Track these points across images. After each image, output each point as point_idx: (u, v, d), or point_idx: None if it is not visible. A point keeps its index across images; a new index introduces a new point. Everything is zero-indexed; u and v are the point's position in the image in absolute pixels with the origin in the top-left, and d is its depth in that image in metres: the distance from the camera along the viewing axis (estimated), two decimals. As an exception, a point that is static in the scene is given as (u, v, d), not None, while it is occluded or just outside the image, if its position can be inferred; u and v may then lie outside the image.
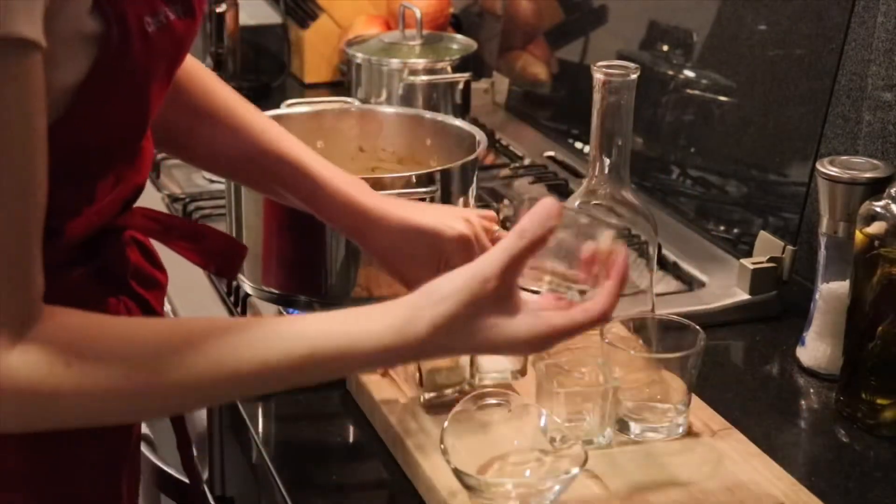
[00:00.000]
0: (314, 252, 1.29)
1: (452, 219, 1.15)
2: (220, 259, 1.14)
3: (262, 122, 1.17)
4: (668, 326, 1.19)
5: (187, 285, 1.47)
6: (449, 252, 1.12)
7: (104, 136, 0.93)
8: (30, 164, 0.82)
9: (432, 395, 1.17)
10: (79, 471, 1.04)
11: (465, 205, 1.35)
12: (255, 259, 1.35)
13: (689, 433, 1.16)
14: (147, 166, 1.05)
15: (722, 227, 1.61)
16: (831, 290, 1.31)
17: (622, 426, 1.15)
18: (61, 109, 0.88)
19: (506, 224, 1.66)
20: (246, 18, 2.30)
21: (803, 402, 1.30)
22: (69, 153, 0.88)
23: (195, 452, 1.39)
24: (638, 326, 1.20)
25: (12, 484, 1.00)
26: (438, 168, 1.32)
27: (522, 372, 1.21)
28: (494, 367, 1.21)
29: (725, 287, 1.48)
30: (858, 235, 1.21)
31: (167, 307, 1.45)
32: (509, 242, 0.91)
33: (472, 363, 1.19)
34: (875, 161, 1.29)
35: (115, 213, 1.02)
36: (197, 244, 1.11)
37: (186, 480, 1.40)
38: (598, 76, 1.21)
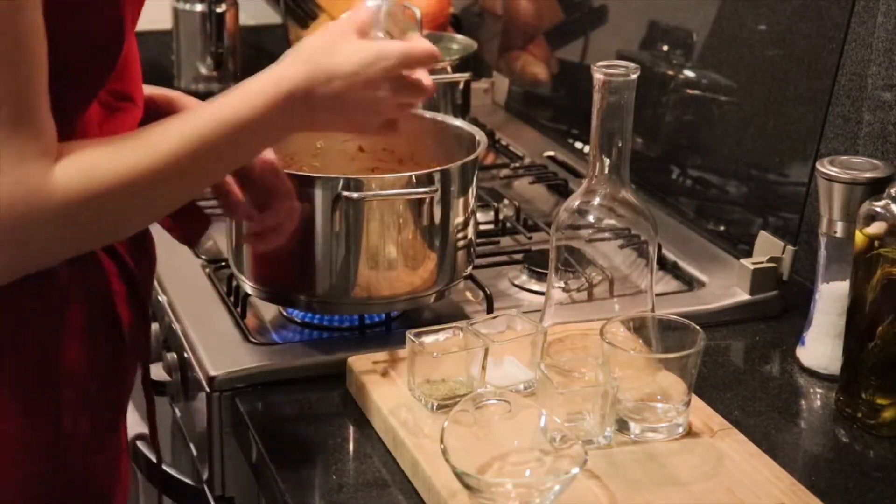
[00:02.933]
0: (314, 252, 1.30)
1: None
2: (185, 226, 1.24)
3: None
4: (668, 326, 1.19)
5: (188, 285, 1.48)
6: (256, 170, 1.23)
7: (77, 41, 0.98)
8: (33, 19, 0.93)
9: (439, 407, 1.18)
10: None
11: (466, 205, 1.35)
12: (255, 259, 1.35)
13: (689, 433, 1.16)
14: (132, 124, 1.11)
15: (722, 227, 1.61)
16: (831, 290, 1.31)
17: (622, 426, 1.15)
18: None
19: (505, 224, 1.66)
20: (246, 18, 2.31)
21: (803, 402, 1.30)
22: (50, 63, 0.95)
23: (195, 453, 1.39)
24: (638, 326, 1.20)
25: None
26: (438, 168, 1.32)
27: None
28: (505, 381, 1.20)
29: (725, 287, 1.48)
30: (858, 235, 1.21)
31: (163, 299, 1.45)
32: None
33: (482, 377, 1.19)
34: (875, 161, 1.29)
35: None
36: None
37: (188, 481, 1.41)
38: (597, 76, 1.21)
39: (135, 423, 1.45)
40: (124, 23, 1.03)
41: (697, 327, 1.16)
